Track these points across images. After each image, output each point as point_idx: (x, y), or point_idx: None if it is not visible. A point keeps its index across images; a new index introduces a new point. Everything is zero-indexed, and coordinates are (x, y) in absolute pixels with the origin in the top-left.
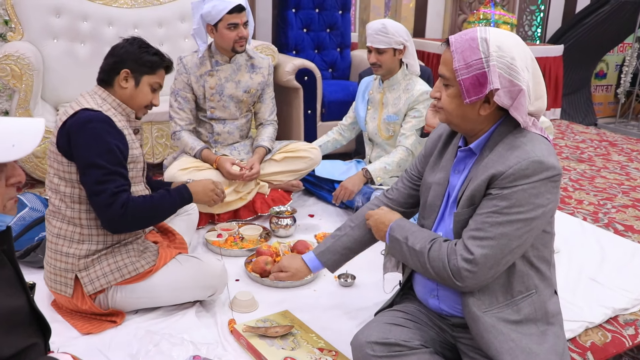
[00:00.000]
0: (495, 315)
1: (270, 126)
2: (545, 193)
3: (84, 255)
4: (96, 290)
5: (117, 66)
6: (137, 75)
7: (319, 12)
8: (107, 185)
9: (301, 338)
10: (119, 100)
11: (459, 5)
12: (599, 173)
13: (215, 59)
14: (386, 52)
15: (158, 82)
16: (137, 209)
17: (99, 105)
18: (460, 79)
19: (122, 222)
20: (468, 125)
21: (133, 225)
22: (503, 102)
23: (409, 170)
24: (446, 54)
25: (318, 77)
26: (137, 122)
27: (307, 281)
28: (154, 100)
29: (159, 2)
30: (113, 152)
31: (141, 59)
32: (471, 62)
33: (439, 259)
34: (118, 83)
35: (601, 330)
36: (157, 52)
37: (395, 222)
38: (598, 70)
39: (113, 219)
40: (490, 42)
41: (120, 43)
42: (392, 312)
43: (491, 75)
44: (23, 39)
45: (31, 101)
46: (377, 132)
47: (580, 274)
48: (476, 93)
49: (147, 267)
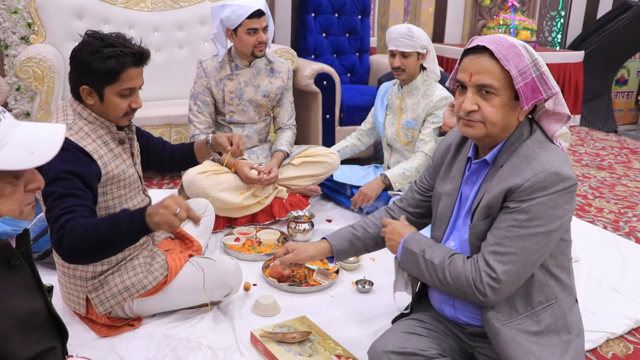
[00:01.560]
0: (516, 327)
1: (289, 130)
2: (562, 204)
3: (90, 277)
4: (107, 311)
5: (75, 83)
6: (97, 88)
7: (338, 17)
8: (53, 212)
9: (318, 344)
10: (95, 113)
11: (479, 10)
12: (619, 181)
13: (235, 63)
14: (411, 56)
15: (127, 88)
16: (73, 233)
17: (69, 125)
18: (520, 87)
19: (63, 249)
20: (503, 135)
21: (76, 251)
22: (549, 105)
23: (418, 181)
24: (485, 62)
25: (337, 81)
26: (121, 133)
27: (325, 287)
28: (132, 104)
29: (179, 6)
30: (64, 179)
31: (95, 70)
32: (523, 69)
33: (462, 275)
34: (83, 98)
35: (623, 342)
36: (114, 51)
37: (410, 235)
38: (619, 77)
39: (55, 247)
40: (529, 49)
41: (76, 46)
42: (409, 321)
43: (549, 80)
44: (45, 41)
45: (52, 103)
46: (396, 137)
47: (600, 284)
48: (533, 98)
49: (154, 283)
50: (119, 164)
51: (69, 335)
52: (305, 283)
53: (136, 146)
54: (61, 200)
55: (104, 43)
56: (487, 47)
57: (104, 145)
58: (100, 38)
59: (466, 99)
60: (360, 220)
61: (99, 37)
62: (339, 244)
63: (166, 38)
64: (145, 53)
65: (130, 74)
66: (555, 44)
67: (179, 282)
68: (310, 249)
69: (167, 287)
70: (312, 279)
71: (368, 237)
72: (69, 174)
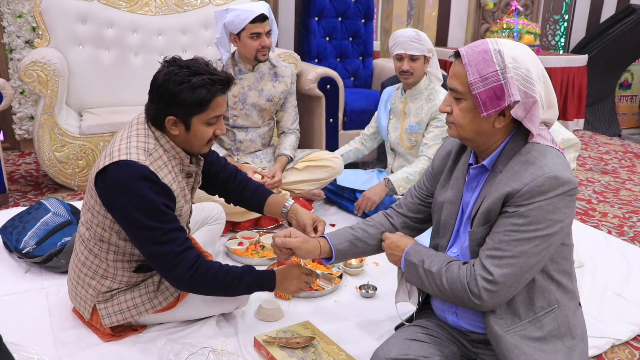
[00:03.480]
0: (518, 334)
1: (293, 135)
2: (562, 208)
3: (104, 291)
4: (112, 325)
5: (160, 113)
6: (185, 119)
7: (342, 21)
8: (169, 247)
9: (322, 349)
10: (172, 142)
11: (482, 14)
12: (623, 185)
13: (239, 67)
14: (419, 59)
15: (215, 116)
16: (208, 275)
17: (149, 151)
18: (477, 92)
19: (192, 283)
20: (481, 140)
21: (201, 288)
22: (517, 114)
23: (417, 187)
24: (457, 67)
25: (340, 85)
26: (192, 167)
27: (329, 292)
28: (217, 130)
29: (183, 10)
30: (164, 212)
31: (184, 100)
32: (487, 75)
33: (457, 280)
34: (167, 128)
35: (628, 348)
36: (204, 80)
37: (410, 247)
38: (623, 81)
39: (180, 280)
40: (505, 54)
41: (158, 76)
42: (412, 328)
43: (510, 88)
44: (49, 45)
45: (56, 107)
46: (399, 141)
47: (605, 289)
48: (494, 106)
49: (165, 303)
50: (180, 199)
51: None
52: (309, 288)
53: (199, 181)
54: (172, 235)
55: (190, 71)
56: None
57: (174, 178)
58: (185, 66)
59: (443, 100)
60: (359, 222)
61: (183, 65)
62: (339, 243)
63: (170, 42)
64: (231, 78)
65: (218, 102)
66: (558, 48)
67: (188, 300)
68: (311, 243)
69: (176, 306)
70: (316, 284)
71: (369, 238)
72: (164, 206)
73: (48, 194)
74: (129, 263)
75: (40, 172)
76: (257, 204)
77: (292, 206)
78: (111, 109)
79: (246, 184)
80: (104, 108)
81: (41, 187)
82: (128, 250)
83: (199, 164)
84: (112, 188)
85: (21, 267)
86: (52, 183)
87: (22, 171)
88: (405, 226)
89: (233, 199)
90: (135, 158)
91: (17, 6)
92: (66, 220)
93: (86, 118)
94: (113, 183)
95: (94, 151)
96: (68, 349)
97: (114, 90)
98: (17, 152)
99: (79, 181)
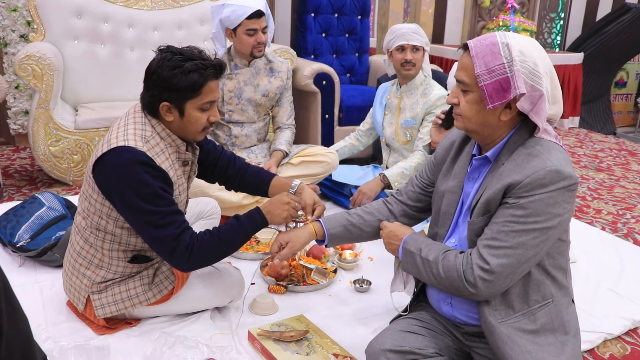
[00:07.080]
0: (512, 326)
1: (288, 130)
2: (562, 202)
3: (98, 281)
4: (106, 316)
5: (154, 100)
6: (178, 104)
7: (338, 17)
8: (168, 230)
9: (316, 343)
10: (168, 130)
11: (478, 11)
12: (618, 182)
13: (235, 62)
14: (420, 51)
15: (208, 101)
16: (203, 249)
17: (146, 138)
18: (483, 85)
19: (190, 264)
20: (487, 132)
21: (202, 263)
22: (524, 107)
23: (418, 176)
24: (465, 59)
25: (336, 81)
26: (188, 154)
27: (323, 286)
28: (211, 117)
29: (179, 5)
30: (162, 196)
31: (177, 85)
32: (493, 67)
33: (453, 268)
34: (161, 115)
35: (620, 342)
36: (196, 65)
37: (408, 236)
38: (618, 79)
39: (180, 263)
40: (512, 47)
41: (152, 63)
42: (407, 320)
43: (516, 81)
44: (45, 39)
45: (51, 101)
46: (395, 137)
47: (598, 285)
48: (499, 98)
49: (159, 296)
50: (177, 186)
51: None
52: (303, 282)
53: (195, 170)
54: (170, 218)
55: (183, 57)
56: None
57: (171, 165)
58: (178, 52)
59: (451, 92)
60: (357, 208)
61: (176, 51)
62: (332, 227)
63: (166, 37)
64: (223, 65)
65: (211, 87)
66: (554, 46)
67: (182, 293)
68: (302, 235)
69: (170, 299)
70: (310, 278)
71: (364, 224)
72: (162, 190)
73: (43, 189)
74: (124, 253)
75: (35, 166)
76: (261, 187)
77: (299, 185)
78: (107, 104)
79: (247, 168)
80: (99, 103)
81: (36, 182)
82: (124, 239)
83: (195, 153)
84: (111, 174)
85: (15, 261)
86: (47, 178)
87: (16, 166)
88: (404, 214)
89: (234, 184)
90: (132, 144)
91: (11, 0)
92: (61, 215)
93: (81, 113)
94: (111, 169)
95: (89, 146)
96: (62, 342)
97: (110, 85)
98: (11, 146)
99: (73, 176)
